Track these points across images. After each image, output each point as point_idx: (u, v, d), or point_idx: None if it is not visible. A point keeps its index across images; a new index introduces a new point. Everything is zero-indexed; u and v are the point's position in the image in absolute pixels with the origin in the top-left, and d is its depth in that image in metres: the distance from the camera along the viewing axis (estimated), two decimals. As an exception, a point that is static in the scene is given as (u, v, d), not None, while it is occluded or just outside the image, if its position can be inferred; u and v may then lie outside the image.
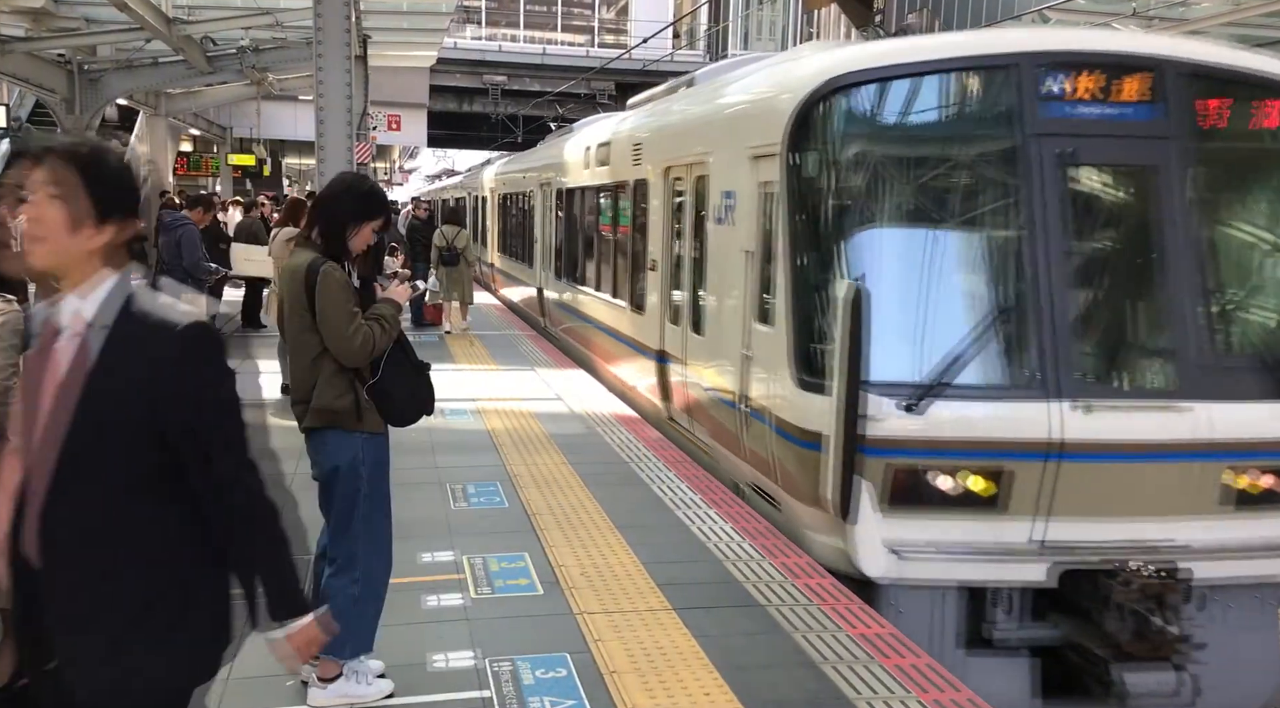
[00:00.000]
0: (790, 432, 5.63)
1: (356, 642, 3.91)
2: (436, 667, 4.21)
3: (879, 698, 4.00)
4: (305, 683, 3.97)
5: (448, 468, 7.30)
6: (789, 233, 5.70)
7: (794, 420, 5.56)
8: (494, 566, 5.36)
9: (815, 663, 4.30)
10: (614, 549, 5.64)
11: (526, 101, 38.03)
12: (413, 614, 4.71)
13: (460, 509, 6.37)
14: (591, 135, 12.35)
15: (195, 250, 9.69)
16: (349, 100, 9.51)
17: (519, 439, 8.22)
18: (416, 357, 3.99)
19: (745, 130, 6.61)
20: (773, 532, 6.00)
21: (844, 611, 4.86)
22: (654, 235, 8.93)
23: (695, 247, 7.80)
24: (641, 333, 9.40)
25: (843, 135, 5.62)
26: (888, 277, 5.25)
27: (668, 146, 8.81)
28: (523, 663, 4.23)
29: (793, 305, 5.61)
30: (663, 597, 4.98)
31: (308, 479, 4.12)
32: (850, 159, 5.57)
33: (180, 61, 18.78)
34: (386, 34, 19.57)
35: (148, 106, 23.14)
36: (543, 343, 13.71)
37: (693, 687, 4.05)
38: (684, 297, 8.05)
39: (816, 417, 5.24)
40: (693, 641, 4.48)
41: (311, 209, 4.09)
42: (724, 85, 8.07)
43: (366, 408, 3.84)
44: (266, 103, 26.38)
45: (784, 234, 5.75)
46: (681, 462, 7.57)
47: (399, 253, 15.29)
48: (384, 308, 3.91)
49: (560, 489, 6.80)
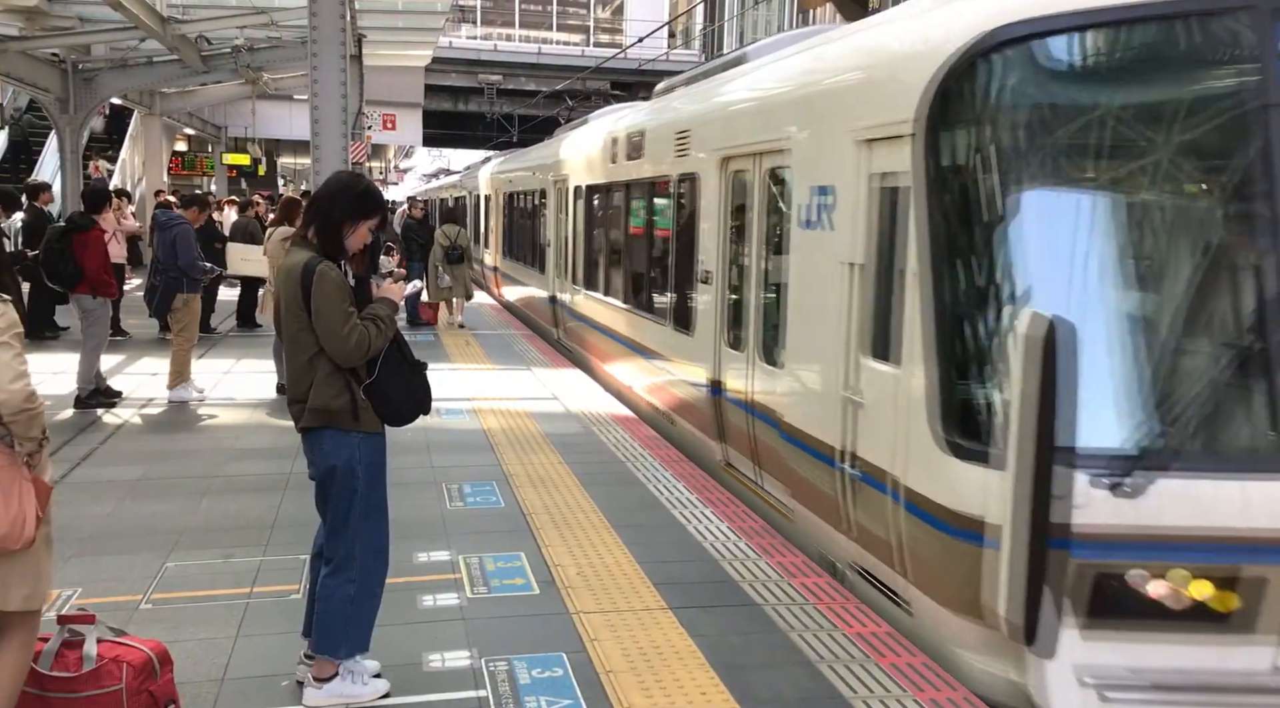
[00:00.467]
0: (931, 512, 4.29)
1: (352, 642, 3.90)
2: (433, 667, 4.21)
3: (875, 697, 4.01)
4: (301, 683, 3.96)
5: (444, 468, 7.30)
6: (930, 241, 4.33)
7: (938, 497, 4.24)
8: (490, 565, 5.36)
9: (812, 662, 4.30)
10: (610, 549, 5.64)
11: (522, 101, 38.04)
12: (409, 614, 4.71)
13: (456, 509, 6.36)
14: (618, 125, 10.90)
15: (190, 250, 9.67)
16: (344, 99, 9.49)
17: (515, 439, 8.21)
18: (413, 356, 3.98)
19: (848, 108, 5.29)
20: (769, 531, 6.00)
21: (840, 610, 4.86)
22: (707, 241, 7.51)
23: (767, 256, 6.45)
24: (687, 358, 7.96)
25: (1014, 107, 4.15)
26: (1081, 303, 3.88)
27: (726, 133, 7.30)
28: (519, 663, 4.23)
29: (937, 340, 4.26)
30: (659, 596, 4.98)
31: (304, 479, 4.11)
32: (1025, 139, 4.12)
33: (175, 61, 18.78)
34: (382, 33, 19.58)
35: (142, 106, 23.12)
36: (550, 352, 13.22)
37: (689, 686, 4.05)
38: (751, 318, 6.61)
39: (976, 496, 3.99)
40: (689, 640, 4.48)
41: (307, 208, 4.08)
42: (801, 56, 6.57)
43: (363, 408, 3.83)
44: (261, 102, 26.38)
45: (922, 243, 4.38)
46: (678, 461, 7.57)
47: (394, 252, 15.31)
48: (380, 307, 3.90)
49: (556, 489, 6.80)
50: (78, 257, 9.24)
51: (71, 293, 9.43)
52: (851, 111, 5.23)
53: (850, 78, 5.50)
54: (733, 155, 7.05)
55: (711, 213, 7.46)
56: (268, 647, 4.35)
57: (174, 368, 9.65)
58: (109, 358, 10.44)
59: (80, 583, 5.02)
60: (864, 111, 5.07)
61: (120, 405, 9.27)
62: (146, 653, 3.59)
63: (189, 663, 4.12)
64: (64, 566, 5.18)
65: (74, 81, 18.14)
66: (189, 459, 7.51)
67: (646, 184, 9.39)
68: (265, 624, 4.60)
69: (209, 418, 9.02)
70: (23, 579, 3.14)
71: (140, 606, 4.80)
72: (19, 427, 3.08)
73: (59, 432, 8.16)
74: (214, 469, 7.23)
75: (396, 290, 4.05)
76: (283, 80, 23.89)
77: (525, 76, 37.72)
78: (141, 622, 4.52)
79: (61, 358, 10.61)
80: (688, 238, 8.05)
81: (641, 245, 9.76)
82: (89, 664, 3.49)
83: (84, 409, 9.03)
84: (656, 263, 9.21)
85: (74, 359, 9.46)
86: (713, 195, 7.42)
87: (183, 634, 4.42)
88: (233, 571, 5.26)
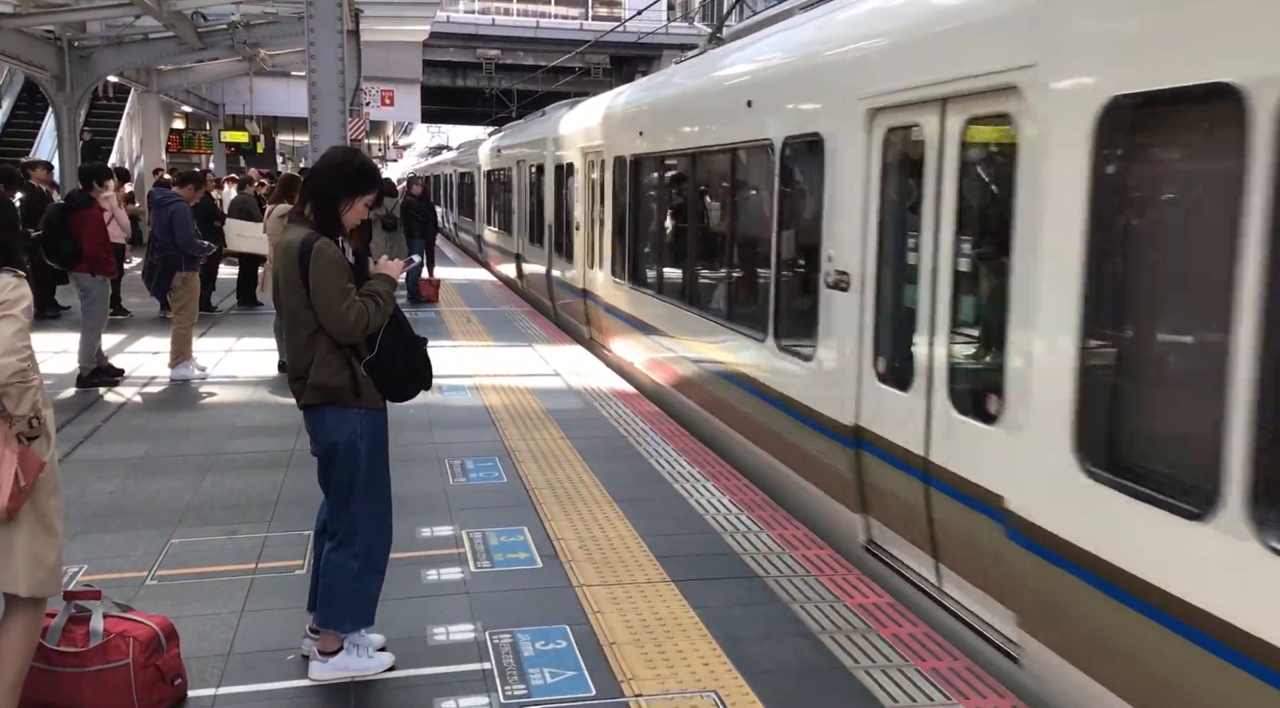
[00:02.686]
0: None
1: (357, 616, 3.93)
2: (437, 640, 4.24)
3: (876, 667, 4.04)
4: (306, 657, 3.99)
5: (446, 444, 7.32)
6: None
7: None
8: (493, 540, 5.39)
9: (813, 633, 4.33)
10: (612, 522, 5.67)
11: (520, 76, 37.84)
12: (413, 588, 4.74)
13: (459, 484, 6.39)
14: (684, 81, 8.84)
15: (187, 227, 9.65)
16: (341, 76, 9.44)
17: (517, 415, 8.23)
18: (413, 332, 3.98)
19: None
20: (770, 504, 6.02)
21: (841, 581, 4.89)
22: (843, 231, 5.38)
23: (969, 252, 4.46)
24: (807, 391, 5.85)
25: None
26: None
27: (877, 74, 5.10)
28: (523, 635, 4.26)
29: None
30: (661, 569, 5.01)
31: (307, 455, 4.12)
32: None
33: (171, 38, 18.66)
34: (378, 8, 19.42)
35: (139, 83, 22.99)
36: (551, 329, 13.09)
37: (691, 657, 4.09)
38: (941, 350, 4.52)
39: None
40: (691, 612, 4.51)
41: (303, 185, 4.06)
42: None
43: (364, 384, 3.83)
44: (259, 79, 26.24)
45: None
46: (679, 436, 7.59)
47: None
48: (379, 284, 3.89)
49: (558, 464, 6.82)
50: (76, 235, 9.21)
51: (71, 272, 9.42)
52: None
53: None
54: (893, 104, 4.94)
55: (856, 191, 5.24)
56: (273, 622, 4.39)
57: (174, 346, 9.66)
58: (110, 337, 10.46)
59: (86, 560, 5.05)
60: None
61: (122, 384, 9.29)
62: (153, 628, 3.62)
63: (195, 638, 4.15)
64: (69, 543, 5.19)
65: (70, 59, 18.02)
66: (192, 437, 7.53)
67: (733, 152, 7.18)
68: (270, 599, 4.63)
69: (211, 396, 9.03)
70: (6, 559, 3.12)
71: (146, 582, 4.83)
72: (9, 400, 3.09)
73: (62, 410, 8.19)
74: (217, 447, 7.25)
75: (395, 267, 4.04)
76: (280, 57, 23.73)
77: (523, 51, 37.54)
78: (147, 598, 4.55)
79: (63, 337, 10.61)
80: (801, 225, 6.12)
81: (720, 234, 7.67)
82: (96, 640, 3.52)
83: (86, 388, 9.05)
84: (745, 257, 7.14)
85: (75, 338, 9.47)
86: (858, 165, 5.21)
87: (188, 610, 4.45)
88: (237, 547, 5.29)
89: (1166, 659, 3.24)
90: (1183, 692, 3.19)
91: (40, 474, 3.13)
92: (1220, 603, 3.02)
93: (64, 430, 7.60)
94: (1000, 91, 4.05)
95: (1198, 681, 3.13)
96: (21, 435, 3.12)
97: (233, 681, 3.88)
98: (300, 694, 3.81)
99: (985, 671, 4.04)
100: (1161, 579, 3.23)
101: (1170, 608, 3.19)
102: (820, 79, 5.79)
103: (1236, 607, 2.97)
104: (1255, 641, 2.89)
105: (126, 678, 3.49)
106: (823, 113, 5.71)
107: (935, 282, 4.57)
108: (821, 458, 5.67)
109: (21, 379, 3.09)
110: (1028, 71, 3.84)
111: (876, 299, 5.14)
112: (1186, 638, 3.14)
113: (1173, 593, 3.18)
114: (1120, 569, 3.39)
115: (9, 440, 3.06)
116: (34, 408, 3.16)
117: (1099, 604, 3.49)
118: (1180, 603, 3.16)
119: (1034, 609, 3.88)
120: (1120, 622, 3.40)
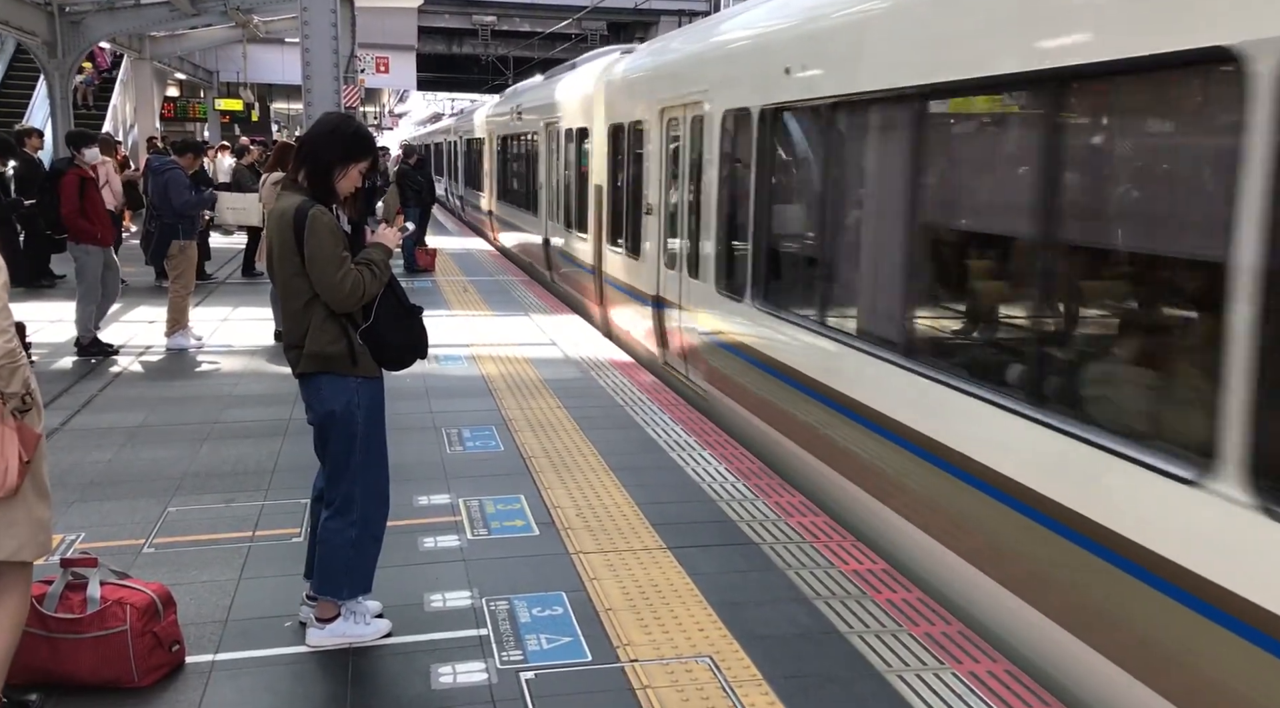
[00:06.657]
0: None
1: (354, 583, 3.95)
2: (434, 607, 4.26)
3: (871, 632, 4.07)
4: (303, 624, 4.02)
5: (443, 413, 7.32)
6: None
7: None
8: (490, 508, 5.40)
9: (808, 599, 4.36)
10: (609, 490, 5.69)
11: (517, 43, 37.48)
12: (410, 556, 4.76)
13: (456, 453, 6.40)
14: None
15: (183, 192, 9.59)
16: (335, 42, 9.37)
17: (514, 384, 8.23)
18: (409, 300, 3.97)
19: None
20: (766, 472, 6.04)
21: (836, 548, 4.91)
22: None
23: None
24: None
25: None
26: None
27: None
28: (519, 602, 4.29)
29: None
30: (657, 536, 5.03)
31: (304, 424, 4.12)
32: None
33: (163, 3, 18.48)
34: (373, -27, 19.21)
35: (132, 50, 22.79)
36: (548, 297, 12.84)
37: (687, 623, 4.11)
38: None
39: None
40: (687, 578, 4.54)
41: (297, 152, 4.02)
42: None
43: (360, 353, 3.82)
44: (253, 46, 26.01)
45: None
46: (676, 405, 7.60)
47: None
48: (374, 252, 3.87)
49: (555, 433, 6.83)
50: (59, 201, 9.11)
51: (68, 241, 9.34)
52: None
53: None
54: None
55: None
56: (270, 588, 4.41)
57: (171, 315, 9.63)
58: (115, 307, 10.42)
59: (83, 528, 5.06)
60: None
61: (119, 353, 9.27)
62: (149, 595, 3.64)
63: (192, 605, 4.17)
64: (66, 511, 5.22)
65: (61, 25, 17.84)
66: (188, 406, 7.53)
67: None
68: (267, 567, 4.64)
69: (208, 365, 9.02)
70: (12, 528, 3.14)
71: (143, 550, 4.85)
72: (1, 380, 3.08)
73: (58, 379, 8.18)
74: (213, 415, 7.25)
75: (390, 235, 4.02)
76: (274, 23, 23.51)
77: (520, 17, 37.11)
78: (144, 565, 4.57)
79: (58, 306, 10.56)
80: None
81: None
82: (93, 607, 3.53)
83: (84, 357, 9.03)
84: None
85: (70, 307, 9.43)
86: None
87: (185, 577, 4.47)
88: (234, 515, 5.30)
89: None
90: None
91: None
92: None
93: (60, 399, 7.59)
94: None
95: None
96: (16, 411, 3.12)
97: (230, 647, 3.90)
98: (297, 661, 3.83)
99: (978, 635, 4.10)
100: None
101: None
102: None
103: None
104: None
105: (124, 644, 3.51)
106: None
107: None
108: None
109: (10, 359, 3.08)
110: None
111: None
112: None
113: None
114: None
115: (5, 419, 3.06)
116: (25, 384, 3.16)
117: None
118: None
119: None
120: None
